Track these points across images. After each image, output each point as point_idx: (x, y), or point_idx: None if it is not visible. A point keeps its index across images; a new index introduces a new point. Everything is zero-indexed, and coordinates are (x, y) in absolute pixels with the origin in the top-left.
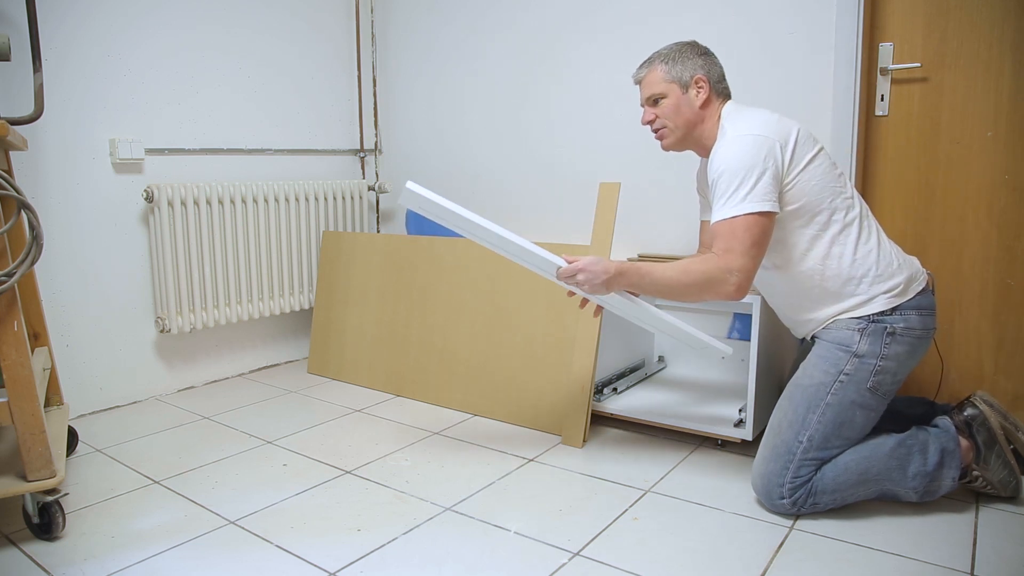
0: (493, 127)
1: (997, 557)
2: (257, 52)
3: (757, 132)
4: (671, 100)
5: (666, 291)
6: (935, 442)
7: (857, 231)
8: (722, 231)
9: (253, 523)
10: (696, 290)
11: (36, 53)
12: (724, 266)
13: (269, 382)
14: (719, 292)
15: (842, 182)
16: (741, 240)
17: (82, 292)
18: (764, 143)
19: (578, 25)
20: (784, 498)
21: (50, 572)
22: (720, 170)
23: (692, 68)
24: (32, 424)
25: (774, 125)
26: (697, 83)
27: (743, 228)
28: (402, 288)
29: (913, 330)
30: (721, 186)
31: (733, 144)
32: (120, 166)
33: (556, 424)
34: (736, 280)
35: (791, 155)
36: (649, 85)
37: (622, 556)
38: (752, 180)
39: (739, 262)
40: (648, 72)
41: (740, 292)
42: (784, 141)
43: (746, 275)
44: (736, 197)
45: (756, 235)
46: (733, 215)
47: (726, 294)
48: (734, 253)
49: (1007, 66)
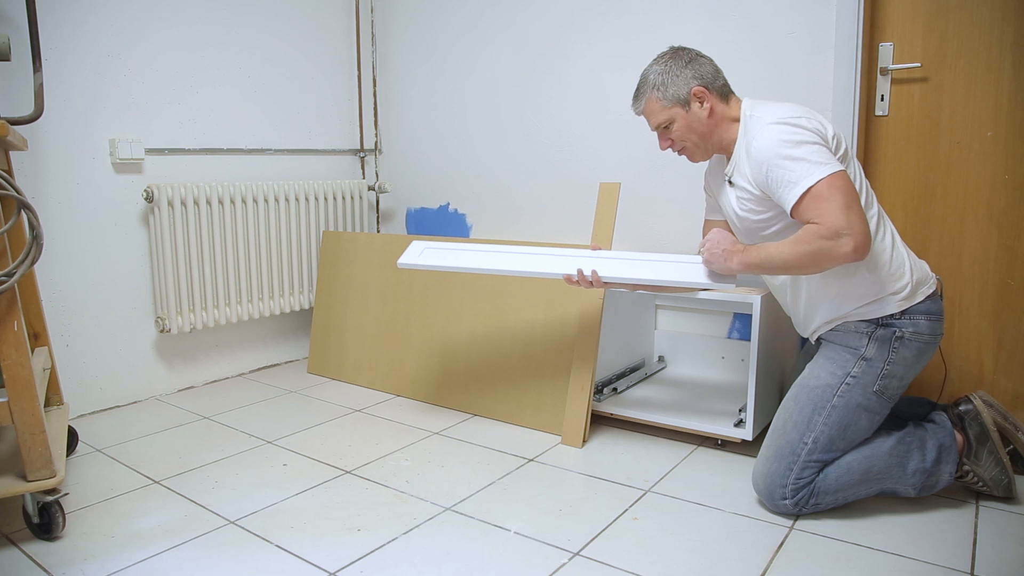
0: (493, 127)
1: (997, 557)
2: (257, 52)
3: (797, 114)
4: (680, 123)
5: (784, 270)
6: (932, 438)
7: (873, 229)
8: (807, 204)
9: (253, 523)
10: (812, 264)
11: (36, 53)
12: (828, 230)
13: (269, 382)
14: (836, 256)
15: (860, 179)
16: (830, 200)
17: (82, 292)
18: (807, 123)
19: (578, 24)
20: (787, 499)
21: (50, 572)
22: (768, 159)
23: (685, 82)
24: (32, 424)
25: (808, 111)
26: (697, 96)
27: (828, 189)
28: (402, 288)
29: (921, 335)
30: (779, 171)
31: (773, 129)
32: (120, 166)
33: (556, 424)
34: (849, 239)
35: (831, 141)
36: (651, 116)
37: (622, 556)
38: (808, 151)
39: (842, 219)
40: (644, 104)
41: (859, 252)
42: (823, 126)
43: (857, 232)
44: (802, 171)
45: (845, 191)
46: (808, 186)
47: (844, 255)
48: (829, 214)
49: (1007, 66)
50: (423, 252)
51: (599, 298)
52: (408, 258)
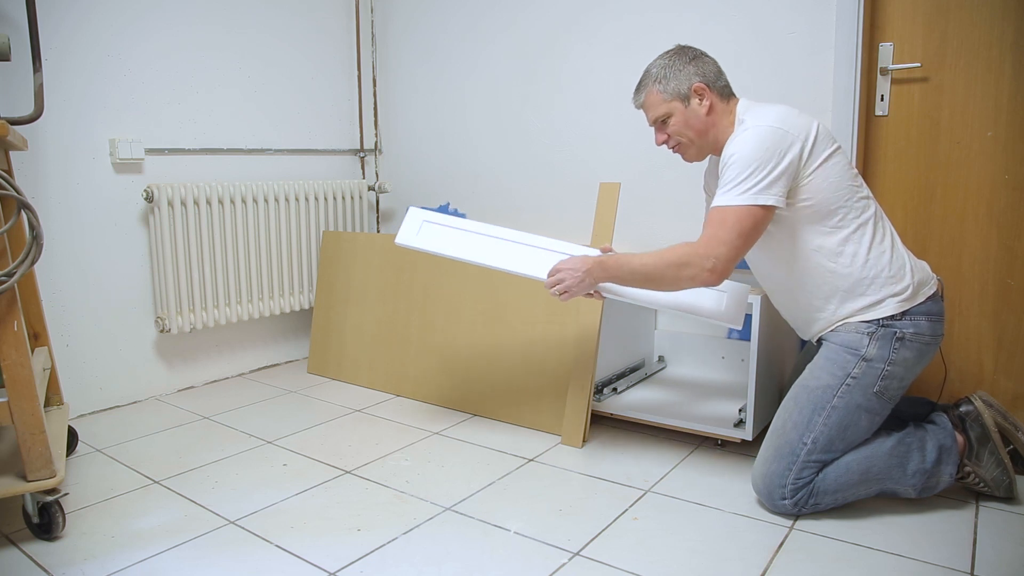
0: (493, 127)
1: (997, 557)
2: (257, 52)
3: (776, 124)
4: (677, 118)
5: (643, 278)
6: (933, 439)
7: (872, 232)
8: (713, 218)
9: (253, 523)
10: (672, 273)
11: (36, 53)
12: (703, 251)
13: (269, 382)
14: (695, 276)
15: (858, 182)
16: (728, 229)
17: (82, 292)
18: (782, 136)
19: (578, 24)
20: (786, 499)
21: (50, 572)
22: (732, 157)
23: (687, 78)
24: (32, 424)
25: (793, 119)
26: (697, 92)
27: (734, 219)
28: (402, 288)
29: (922, 336)
30: (729, 173)
31: (750, 133)
32: (120, 166)
33: (556, 424)
34: (713, 265)
35: (809, 151)
36: (651, 108)
37: (622, 556)
38: (762, 172)
39: (720, 250)
40: (645, 96)
41: (715, 276)
42: (804, 136)
43: (725, 263)
44: (740, 187)
45: (746, 227)
46: (729, 204)
47: (702, 279)
48: (716, 240)
49: (1007, 66)
50: (421, 227)
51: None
52: (406, 236)
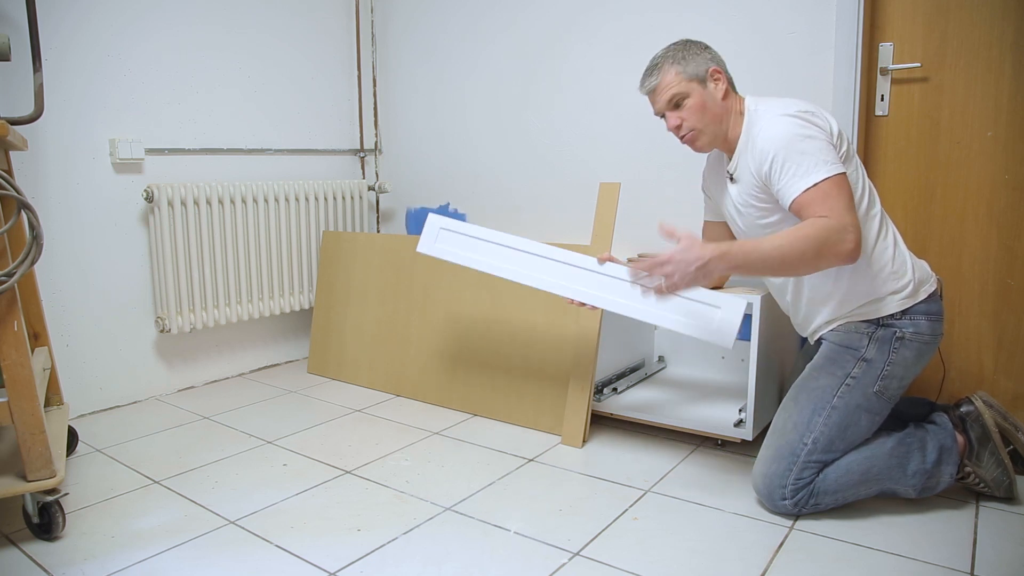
0: (493, 127)
1: (997, 557)
2: (257, 52)
3: (806, 109)
4: (695, 99)
5: (777, 265)
6: (933, 439)
7: (877, 227)
8: (814, 198)
9: (253, 523)
10: (812, 256)
11: (36, 53)
12: (838, 224)
13: (269, 382)
14: (838, 253)
15: (865, 177)
16: (837, 198)
17: (82, 292)
18: (812, 118)
19: (578, 24)
20: (786, 499)
21: (50, 572)
22: (776, 148)
23: (704, 62)
24: (32, 424)
25: (815, 107)
26: (713, 75)
27: (836, 188)
28: (402, 288)
29: (922, 335)
30: (787, 163)
31: (784, 121)
32: (120, 166)
33: (556, 424)
34: (853, 237)
35: (836, 138)
36: (666, 88)
37: (622, 556)
38: (817, 147)
39: (848, 218)
40: (660, 77)
41: (858, 251)
42: (829, 123)
43: (856, 232)
44: (812, 165)
45: (849, 195)
46: (816, 181)
47: (846, 253)
48: (838, 210)
49: (1007, 66)
50: (439, 235)
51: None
52: (426, 244)
